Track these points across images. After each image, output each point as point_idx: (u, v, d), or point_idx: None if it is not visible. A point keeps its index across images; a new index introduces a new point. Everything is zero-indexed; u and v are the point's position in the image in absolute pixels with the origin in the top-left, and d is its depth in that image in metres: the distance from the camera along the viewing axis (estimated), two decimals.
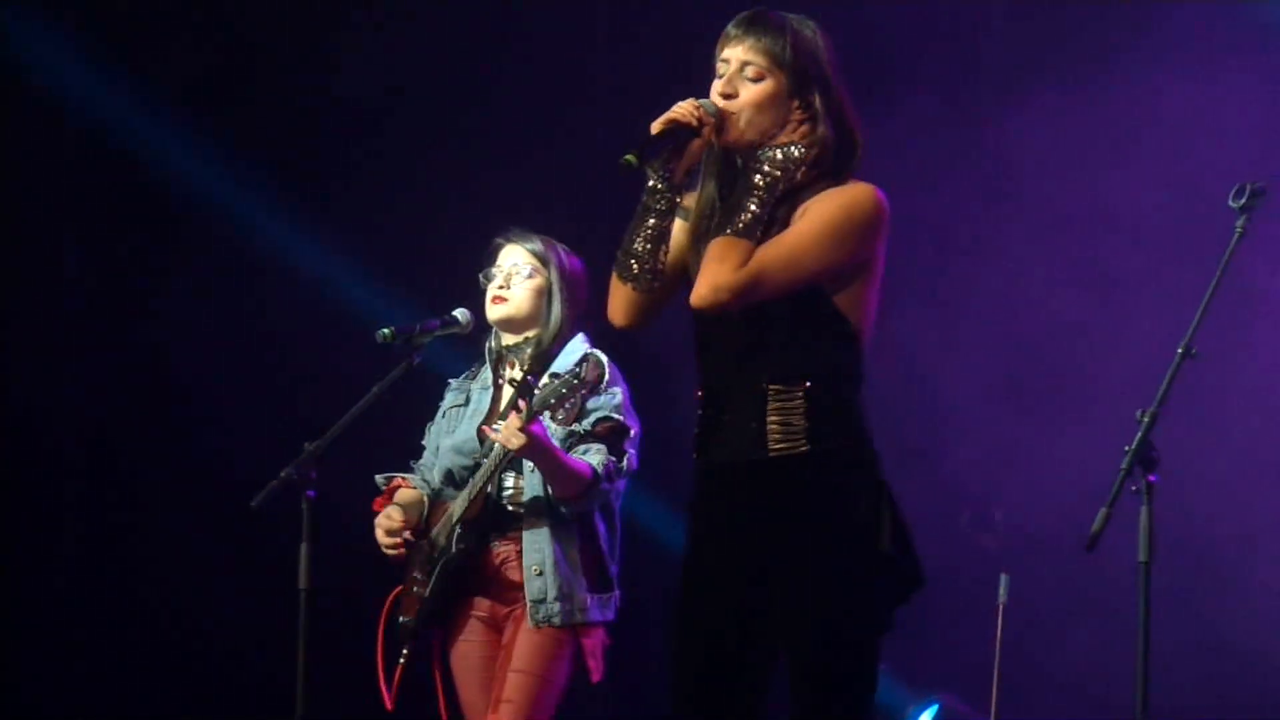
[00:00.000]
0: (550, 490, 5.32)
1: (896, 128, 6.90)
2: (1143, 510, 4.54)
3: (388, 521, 5.47)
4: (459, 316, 5.59)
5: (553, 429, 5.32)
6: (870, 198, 4.13)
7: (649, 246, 4.15)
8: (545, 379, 5.28)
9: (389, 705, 5.45)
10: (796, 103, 4.14)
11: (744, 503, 4.13)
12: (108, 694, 7.57)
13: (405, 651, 5.49)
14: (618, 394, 5.37)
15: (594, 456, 5.32)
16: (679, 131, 4.08)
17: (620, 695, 6.78)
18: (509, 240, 5.55)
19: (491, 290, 5.52)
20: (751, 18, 4.17)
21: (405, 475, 5.62)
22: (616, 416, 5.36)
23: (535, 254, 5.50)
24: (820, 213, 4.09)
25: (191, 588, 7.55)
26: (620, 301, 4.22)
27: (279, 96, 7.70)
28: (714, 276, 4.05)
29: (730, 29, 4.16)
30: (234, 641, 7.50)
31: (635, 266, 4.16)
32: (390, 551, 5.49)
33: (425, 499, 5.56)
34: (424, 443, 5.69)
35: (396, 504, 5.52)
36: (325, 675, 5.54)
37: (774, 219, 4.10)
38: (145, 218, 7.73)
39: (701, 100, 4.12)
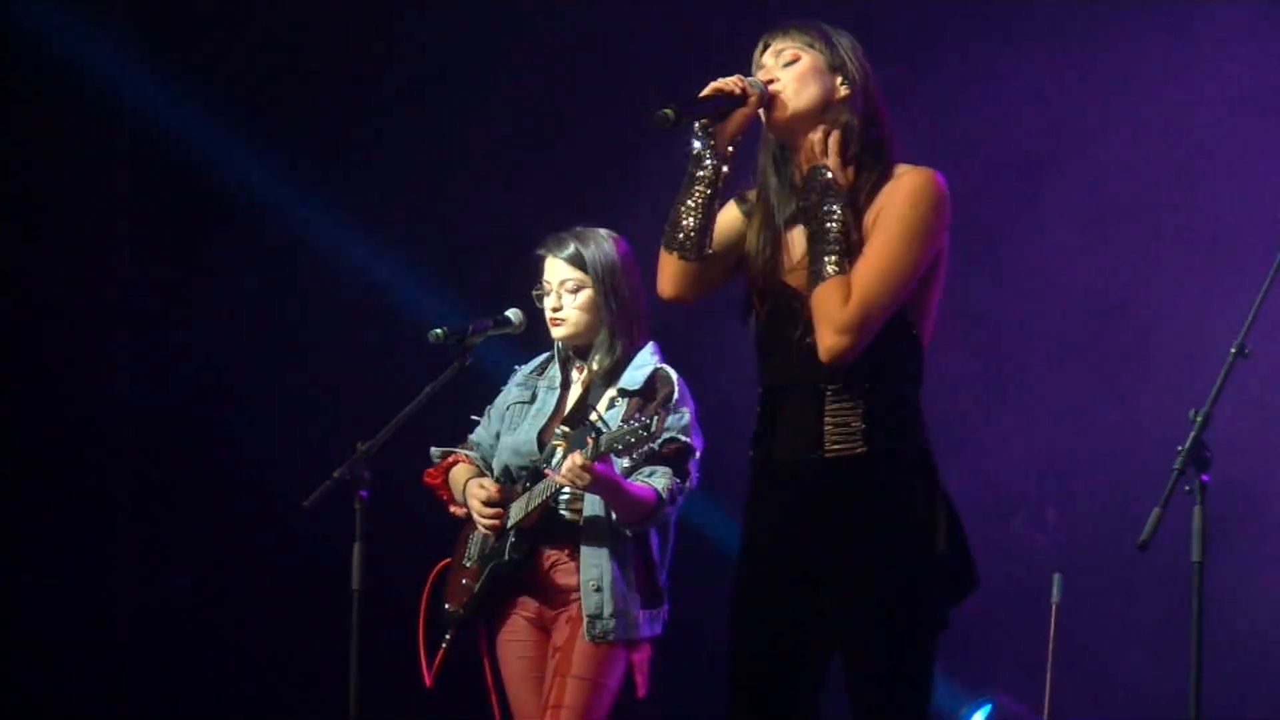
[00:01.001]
0: (613, 515, 5.31)
1: (933, 98, 6.86)
2: (1196, 510, 4.52)
3: (482, 492, 5.44)
4: (511, 317, 5.59)
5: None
6: (932, 184, 4.15)
7: (695, 213, 4.18)
8: (609, 409, 5.27)
9: (428, 682, 5.47)
10: (840, 78, 4.21)
11: (800, 502, 4.15)
12: (160, 693, 7.60)
13: (448, 636, 5.51)
14: (685, 415, 5.34)
15: (659, 480, 5.28)
16: (722, 99, 4.13)
17: (674, 699, 6.78)
18: (548, 252, 5.49)
19: (547, 312, 5.49)
20: (781, 24, 4.26)
21: (464, 451, 5.62)
22: (683, 439, 5.30)
23: (574, 263, 5.43)
24: (893, 219, 4.11)
25: (243, 587, 7.57)
26: (667, 272, 4.26)
27: (328, 95, 7.70)
28: (829, 324, 4.06)
29: (762, 39, 4.26)
30: (286, 642, 7.52)
31: (681, 236, 4.20)
32: (488, 524, 5.44)
33: (485, 475, 5.56)
34: (481, 419, 5.66)
35: (475, 480, 5.51)
36: (378, 675, 5.55)
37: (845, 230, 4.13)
38: (197, 216, 7.75)
39: (748, 78, 4.18)
